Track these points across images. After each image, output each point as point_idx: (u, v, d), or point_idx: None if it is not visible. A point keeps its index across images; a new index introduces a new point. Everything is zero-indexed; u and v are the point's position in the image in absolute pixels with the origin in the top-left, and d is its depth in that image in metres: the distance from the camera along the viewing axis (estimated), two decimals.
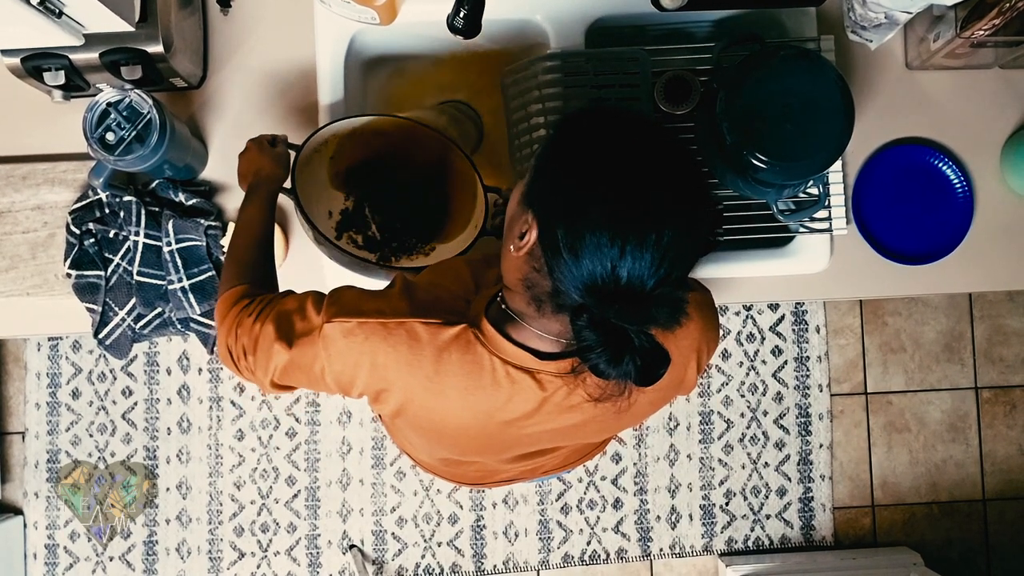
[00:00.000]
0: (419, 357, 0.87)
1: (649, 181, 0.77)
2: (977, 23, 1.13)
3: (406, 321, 0.87)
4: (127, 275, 1.25)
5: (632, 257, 0.74)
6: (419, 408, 0.91)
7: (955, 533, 2.17)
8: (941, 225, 1.32)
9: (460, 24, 1.14)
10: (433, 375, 0.87)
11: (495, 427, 0.93)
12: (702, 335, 0.95)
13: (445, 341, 0.86)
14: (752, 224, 1.30)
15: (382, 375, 0.88)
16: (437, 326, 0.87)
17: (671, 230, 0.75)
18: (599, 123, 0.82)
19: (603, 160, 0.78)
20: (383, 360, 0.87)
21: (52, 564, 2.09)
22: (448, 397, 0.89)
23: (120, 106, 1.13)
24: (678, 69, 1.28)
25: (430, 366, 0.87)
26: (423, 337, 0.86)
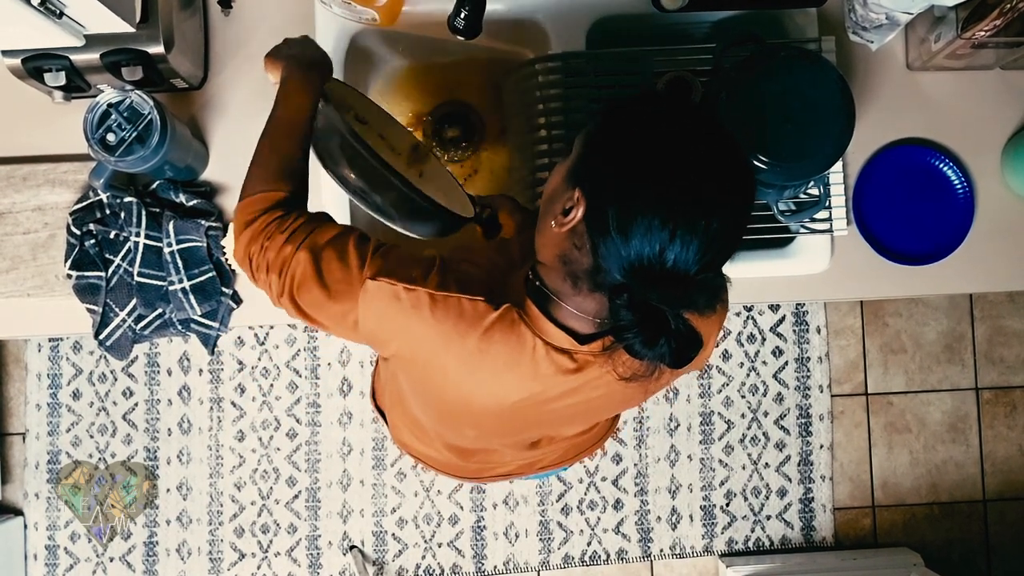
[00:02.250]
0: (462, 334, 0.85)
1: (703, 170, 0.77)
2: (978, 24, 1.13)
3: (454, 296, 0.84)
4: (128, 276, 1.25)
5: (681, 242, 0.75)
6: (447, 383, 0.90)
7: (955, 534, 2.17)
8: (941, 226, 1.32)
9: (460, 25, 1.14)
10: (474, 352, 0.85)
11: (521, 407, 0.92)
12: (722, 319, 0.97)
13: (491, 321, 0.85)
14: (752, 224, 1.30)
15: (418, 345, 0.87)
16: (484, 303, 0.85)
17: (720, 219, 0.76)
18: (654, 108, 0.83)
19: (659, 144, 0.78)
20: (423, 331, 0.85)
21: (52, 565, 2.08)
22: (482, 375, 0.88)
23: (121, 107, 1.13)
24: (679, 70, 1.28)
25: (473, 343, 0.85)
26: (469, 314, 0.84)
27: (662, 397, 2.14)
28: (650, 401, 2.14)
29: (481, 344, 0.85)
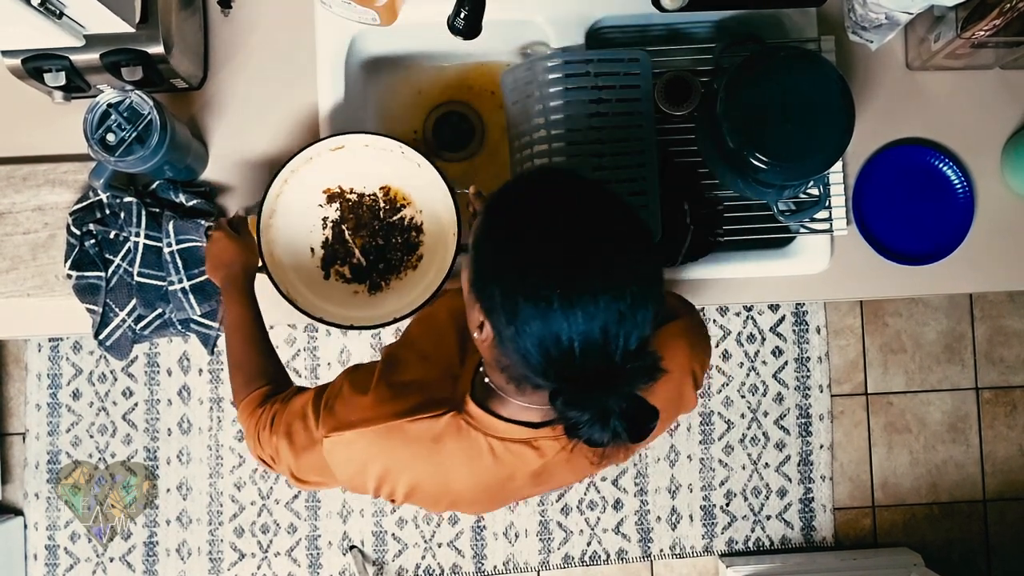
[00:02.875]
0: (417, 452, 0.88)
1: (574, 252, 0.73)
2: (978, 24, 1.13)
3: (396, 423, 0.87)
4: (127, 276, 1.25)
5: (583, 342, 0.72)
6: (429, 488, 0.93)
7: (955, 534, 2.17)
8: (941, 225, 1.32)
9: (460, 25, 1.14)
10: (437, 464, 0.88)
11: (497, 489, 0.94)
12: (692, 358, 0.96)
13: (438, 433, 0.86)
14: (752, 224, 1.30)
15: (387, 472, 0.90)
16: (427, 419, 0.86)
17: (612, 293, 0.72)
18: (518, 196, 0.80)
19: (523, 234, 0.75)
20: (386, 460, 0.89)
21: (52, 565, 2.09)
22: (455, 476, 0.90)
23: (121, 107, 1.13)
24: (679, 70, 1.28)
25: (430, 457, 0.88)
26: (416, 434, 0.87)
27: None
28: None
29: (437, 456, 0.87)
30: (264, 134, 1.30)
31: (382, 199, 1.25)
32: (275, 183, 1.18)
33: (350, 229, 1.25)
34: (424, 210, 1.25)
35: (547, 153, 1.25)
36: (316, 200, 1.25)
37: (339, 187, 1.25)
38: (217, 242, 1.16)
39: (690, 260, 1.27)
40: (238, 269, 1.14)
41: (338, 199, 1.25)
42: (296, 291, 1.21)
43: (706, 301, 1.33)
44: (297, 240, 1.24)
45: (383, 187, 1.25)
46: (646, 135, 1.24)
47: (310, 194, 1.24)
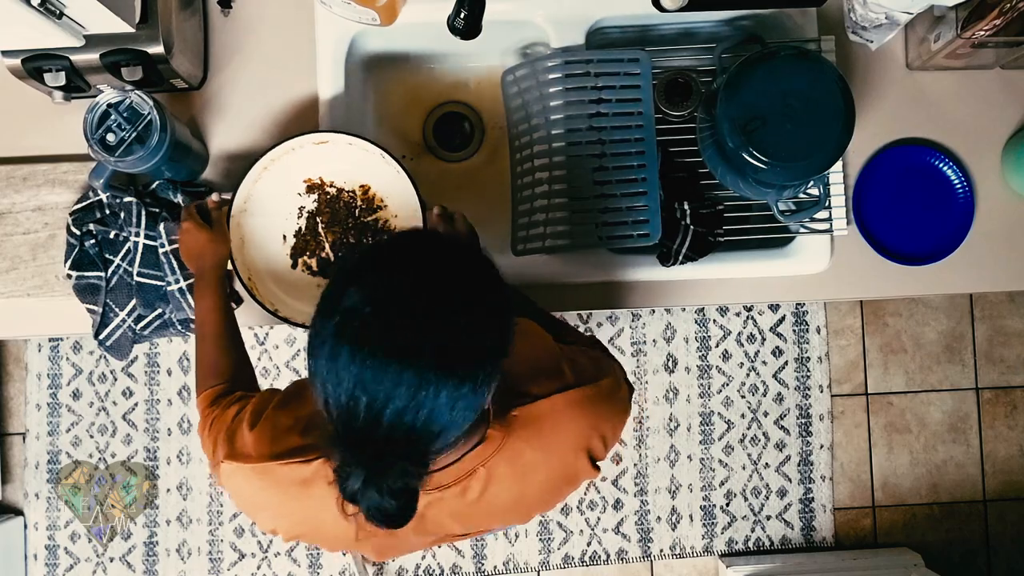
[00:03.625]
0: (289, 495, 0.87)
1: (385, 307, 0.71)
2: (978, 23, 1.13)
3: (268, 465, 0.87)
4: (127, 276, 1.25)
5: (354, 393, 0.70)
6: (306, 531, 0.92)
7: (956, 534, 2.17)
8: (942, 225, 1.32)
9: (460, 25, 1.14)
10: (307, 508, 0.87)
11: (375, 540, 0.93)
12: (591, 430, 0.91)
13: (307, 478, 0.86)
14: (752, 224, 1.30)
15: (265, 509, 0.90)
16: (297, 464, 0.86)
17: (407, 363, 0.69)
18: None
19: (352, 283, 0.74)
20: (263, 498, 0.89)
21: (52, 565, 2.08)
22: (325, 520, 0.88)
23: (120, 107, 1.13)
24: (679, 70, 1.28)
25: (301, 501, 0.87)
26: (287, 477, 0.87)
27: (661, 397, 2.14)
28: (650, 401, 2.14)
29: (307, 500, 0.87)
30: (264, 134, 1.30)
31: (360, 198, 1.25)
32: (254, 169, 1.19)
33: (324, 222, 1.25)
34: (399, 216, 1.25)
35: (547, 153, 1.25)
36: (296, 188, 1.25)
37: (320, 179, 1.25)
38: (187, 233, 1.16)
39: (690, 260, 1.27)
40: (208, 263, 1.14)
41: (317, 190, 1.25)
42: (259, 278, 1.22)
43: (706, 301, 1.33)
44: (272, 225, 1.24)
45: (363, 186, 1.25)
46: (646, 135, 1.24)
47: (291, 182, 1.24)
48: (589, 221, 1.23)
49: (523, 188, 1.30)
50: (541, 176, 1.26)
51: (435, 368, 0.70)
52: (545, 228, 1.25)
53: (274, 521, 0.91)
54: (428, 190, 1.34)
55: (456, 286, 0.74)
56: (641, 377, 2.14)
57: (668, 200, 1.26)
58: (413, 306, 0.71)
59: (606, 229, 1.23)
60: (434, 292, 0.72)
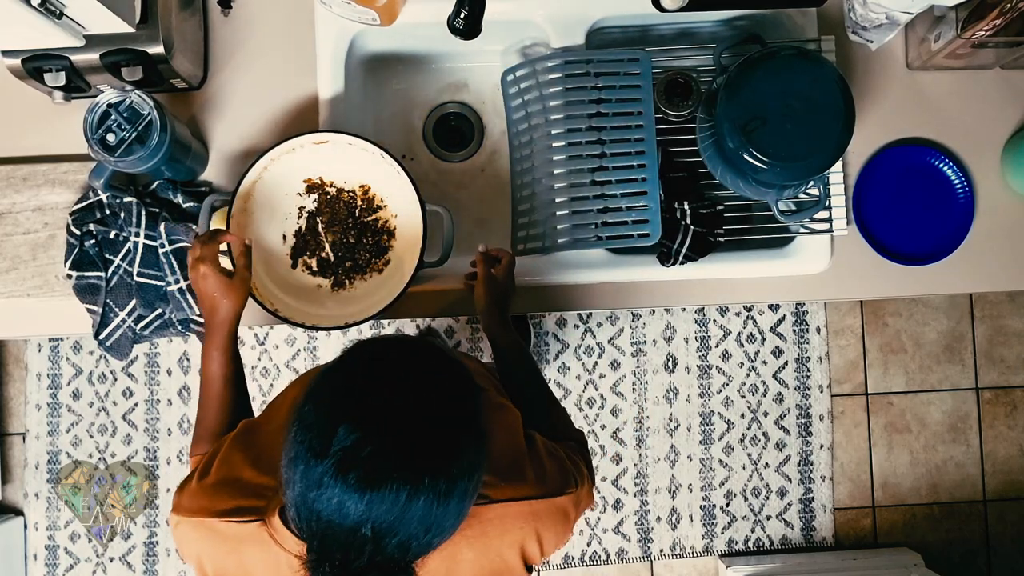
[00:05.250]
0: (225, 550, 0.87)
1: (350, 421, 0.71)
2: (978, 23, 1.13)
3: (207, 520, 0.87)
4: (127, 276, 1.25)
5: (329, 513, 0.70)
6: None
7: (955, 534, 2.17)
8: (942, 225, 1.32)
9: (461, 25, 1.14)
10: (241, 565, 0.87)
11: None
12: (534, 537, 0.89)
13: (243, 536, 0.85)
14: (752, 224, 1.30)
15: (206, 563, 0.90)
16: (234, 523, 0.86)
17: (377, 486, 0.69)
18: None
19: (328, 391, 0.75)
20: (202, 550, 0.89)
21: (52, 565, 2.08)
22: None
23: (121, 107, 1.13)
24: (678, 70, 1.28)
25: (236, 557, 0.87)
26: (224, 533, 0.86)
27: (661, 397, 2.14)
28: (650, 401, 2.14)
29: (241, 558, 0.86)
30: (264, 134, 1.30)
31: (360, 197, 1.25)
32: (254, 169, 1.19)
33: (324, 222, 1.25)
34: (399, 216, 1.25)
35: (547, 153, 1.25)
36: (296, 188, 1.25)
37: (320, 179, 1.25)
38: (202, 279, 1.06)
39: (690, 260, 1.27)
40: (219, 316, 1.06)
41: (317, 190, 1.25)
42: (259, 278, 1.21)
43: (706, 301, 1.33)
44: (272, 224, 1.24)
45: (363, 186, 1.25)
46: (646, 135, 1.24)
47: (291, 181, 1.24)
48: (589, 221, 1.23)
49: (523, 188, 1.30)
50: (541, 176, 1.26)
51: (443, 494, 0.71)
52: (545, 228, 1.25)
53: (206, 567, 0.91)
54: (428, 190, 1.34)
55: (443, 404, 0.74)
56: (641, 377, 2.14)
57: (668, 200, 1.26)
58: (410, 434, 0.71)
59: (606, 229, 1.23)
60: (425, 415, 0.72)
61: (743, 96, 1.11)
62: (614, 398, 2.13)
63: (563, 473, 0.94)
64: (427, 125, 1.46)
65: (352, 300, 1.25)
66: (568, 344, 2.14)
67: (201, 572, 0.92)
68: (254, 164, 1.19)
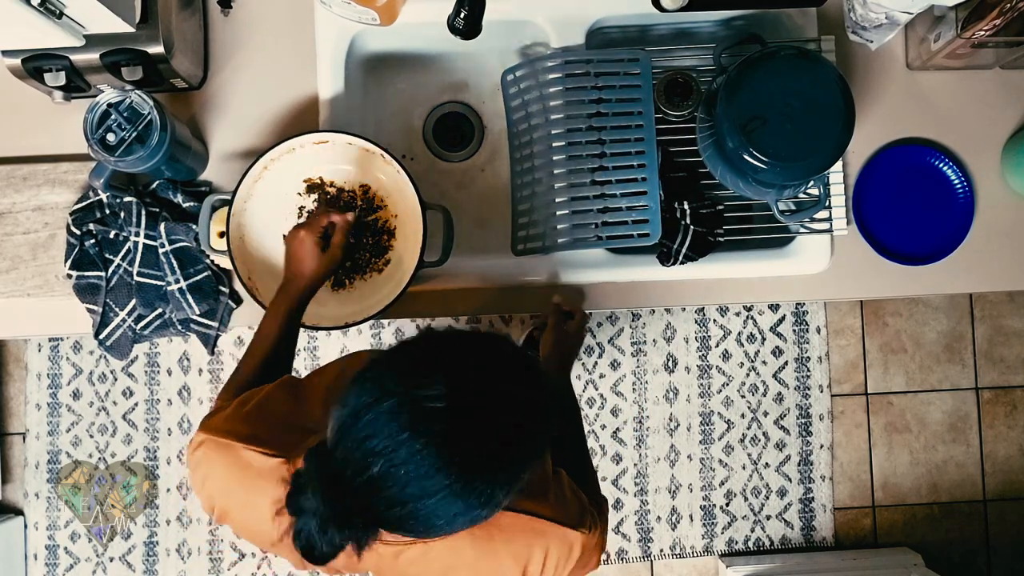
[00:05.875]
0: (237, 478, 0.87)
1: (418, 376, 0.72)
2: (978, 23, 1.13)
3: (233, 444, 0.87)
4: (127, 276, 1.25)
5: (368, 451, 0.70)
6: (240, 519, 0.91)
7: (956, 534, 2.17)
8: (942, 225, 1.32)
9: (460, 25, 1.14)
10: (250, 499, 0.87)
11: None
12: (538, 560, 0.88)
13: (262, 470, 0.85)
14: (752, 224, 1.30)
15: (212, 484, 0.89)
16: (260, 454, 0.86)
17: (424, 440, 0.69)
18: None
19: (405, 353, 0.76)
20: (215, 472, 0.88)
21: (52, 565, 2.08)
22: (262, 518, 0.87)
23: (121, 107, 1.13)
24: (678, 70, 1.28)
25: (248, 488, 0.87)
26: (245, 461, 0.86)
27: (661, 397, 2.14)
28: (650, 401, 2.14)
29: (252, 493, 0.86)
30: (264, 134, 1.30)
31: (360, 197, 1.25)
32: (254, 168, 1.18)
33: None
34: (399, 216, 1.25)
35: (547, 153, 1.25)
36: (296, 188, 1.25)
37: (320, 178, 1.25)
38: (300, 243, 1.09)
39: (690, 260, 1.27)
40: (301, 281, 1.09)
41: (317, 190, 1.25)
42: (259, 278, 1.21)
43: (706, 301, 1.33)
44: (272, 225, 1.24)
45: (363, 186, 1.25)
46: (646, 135, 1.24)
47: (291, 182, 1.24)
48: (589, 221, 1.23)
49: (523, 188, 1.30)
50: (541, 176, 1.26)
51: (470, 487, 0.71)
52: (545, 228, 1.25)
53: (215, 497, 0.90)
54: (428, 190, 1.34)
55: (525, 427, 0.74)
56: (641, 377, 2.14)
57: (668, 200, 1.26)
58: (483, 425, 0.71)
59: (606, 229, 1.23)
60: (506, 420, 0.72)
61: (743, 96, 1.11)
62: (614, 398, 2.13)
63: (581, 511, 0.94)
64: (427, 125, 1.46)
65: (352, 300, 1.24)
66: None
67: (206, 502, 0.91)
68: (254, 164, 1.19)
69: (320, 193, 1.25)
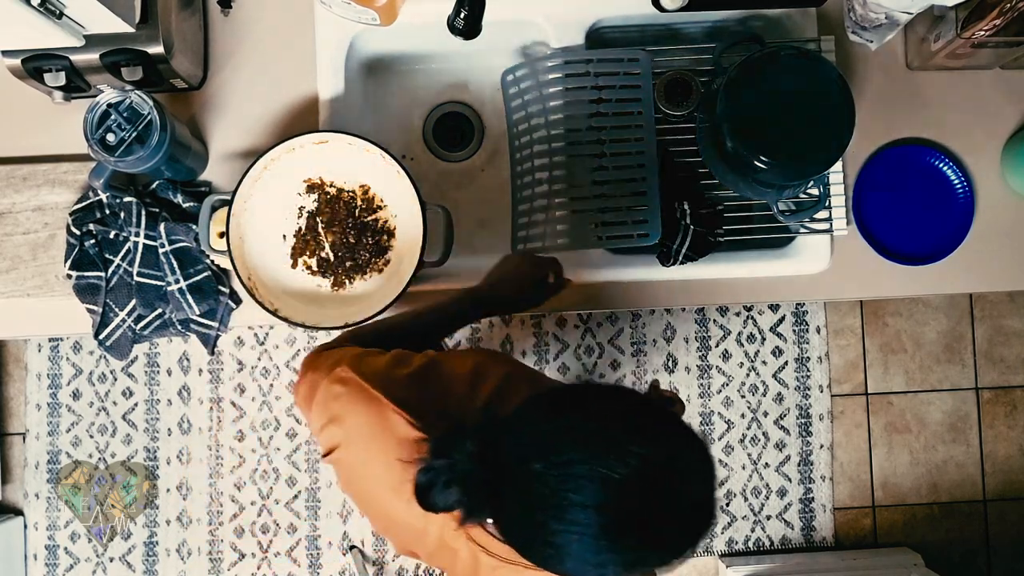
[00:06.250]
0: (368, 437, 0.86)
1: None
2: (978, 23, 1.13)
3: (383, 400, 0.86)
4: (127, 276, 1.25)
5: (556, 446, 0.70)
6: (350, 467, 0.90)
7: (956, 534, 2.17)
8: (941, 225, 1.32)
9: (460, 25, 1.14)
10: (373, 458, 0.86)
11: (409, 541, 0.92)
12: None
13: (400, 437, 0.85)
14: (752, 224, 1.30)
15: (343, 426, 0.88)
16: (404, 421, 0.85)
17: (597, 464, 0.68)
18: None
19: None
20: (351, 419, 0.88)
21: (52, 565, 2.08)
22: (379, 484, 0.87)
23: (121, 107, 1.13)
24: (678, 70, 1.28)
25: (369, 453, 0.86)
26: (388, 423, 0.85)
27: None
28: None
29: (380, 452, 0.85)
30: (264, 134, 1.30)
31: (360, 197, 1.25)
32: (254, 168, 1.18)
33: (324, 222, 1.25)
34: (399, 216, 1.25)
35: (547, 153, 1.25)
36: (296, 188, 1.25)
37: (320, 178, 1.25)
38: (537, 267, 1.15)
39: (690, 260, 1.27)
40: (504, 294, 1.13)
41: (317, 190, 1.25)
42: (259, 278, 1.21)
43: (706, 301, 1.33)
44: (272, 225, 1.24)
45: (363, 186, 1.25)
46: (646, 135, 1.24)
47: (291, 182, 1.24)
48: (589, 221, 1.23)
49: (523, 188, 1.30)
50: (541, 176, 1.26)
51: (630, 559, 0.70)
52: (545, 228, 1.25)
53: (340, 441, 0.88)
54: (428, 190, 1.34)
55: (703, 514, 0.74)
56: (641, 377, 2.14)
57: (668, 200, 1.26)
58: (671, 507, 0.70)
59: (606, 229, 1.23)
60: (686, 507, 0.71)
61: (743, 96, 1.11)
62: None
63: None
64: (427, 125, 1.46)
65: (352, 300, 1.25)
66: (568, 344, 2.14)
67: (326, 438, 0.89)
68: (254, 164, 1.19)
69: (320, 193, 1.25)
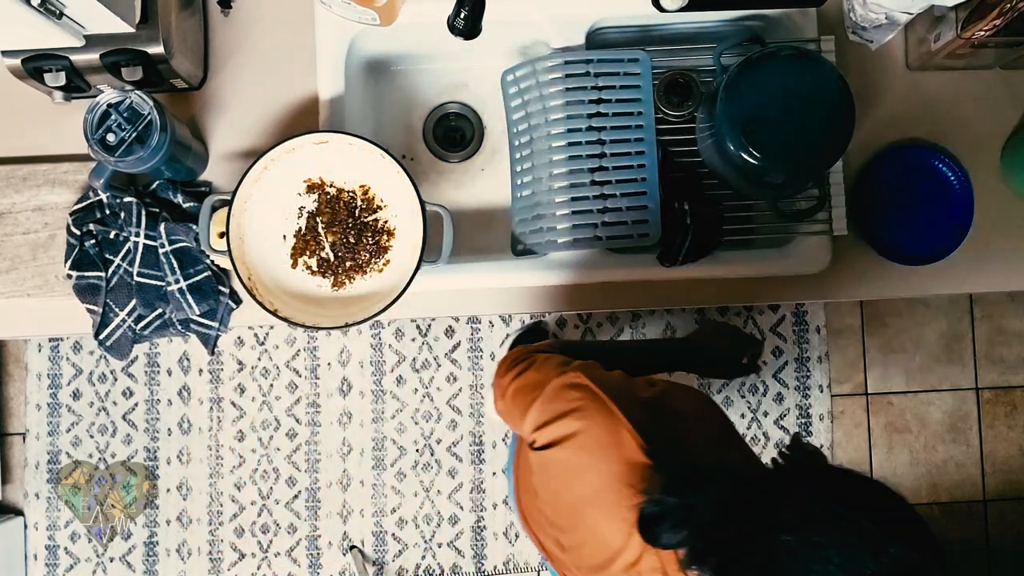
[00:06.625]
0: (594, 445, 0.84)
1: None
2: (978, 23, 1.13)
3: (621, 419, 0.85)
4: (127, 276, 1.25)
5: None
6: (559, 470, 0.88)
7: (956, 534, 2.17)
8: (941, 226, 1.32)
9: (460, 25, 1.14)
10: (589, 469, 0.85)
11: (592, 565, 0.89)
12: None
13: (630, 460, 0.83)
14: (752, 224, 1.30)
15: (562, 424, 0.87)
16: (639, 448, 0.83)
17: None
18: None
19: None
20: (579, 423, 0.86)
21: (52, 565, 2.09)
22: (584, 500, 0.86)
23: (121, 107, 1.13)
24: (679, 70, 1.28)
25: (597, 456, 0.84)
26: (620, 441, 0.84)
27: None
28: None
29: (599, 464, 0.84)
30: (264, 134, 1.30)
31: (360, 197, 1.25)
32: (253, 169, 1.18)
33: (324, 222, 1.25)
34: (399, 216, 1.25)
35: (547, 153, 1.25)
36: (296, 188, 1.25)
37: (320, 179, 1.25)
38: (727, 340, 1.24)
39: (690, 260, 1.27)
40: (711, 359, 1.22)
41: (317, 190, 1.25)
42: (259, 278, 1.21)
43: (706, 301, 1.33)
44: (272, 225, 1.24)
45: (363, 186, 1.25)
46: (646, 135, 1.24)
47: (291, 182, 1.24)
48: (589, 221, 1.23)
49: (523, 188, 1.30)
50: (541, 176, 1.26)
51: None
52: (545, 228, 1.25)
53: (564, 441, 0.86)
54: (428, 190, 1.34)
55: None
56: None
57: (668, 200, 1.26)
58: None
59: (606, 229, 1.23)
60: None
61: (743, 96, 1.11)
62: None
63: None
64: (427, 125, 1.46)
65: (352, 300, 1.25)
66: None
67: (549, 432, 0.88)
68: (254, 164, 1.19)
69: (320, 193, 1.25)
